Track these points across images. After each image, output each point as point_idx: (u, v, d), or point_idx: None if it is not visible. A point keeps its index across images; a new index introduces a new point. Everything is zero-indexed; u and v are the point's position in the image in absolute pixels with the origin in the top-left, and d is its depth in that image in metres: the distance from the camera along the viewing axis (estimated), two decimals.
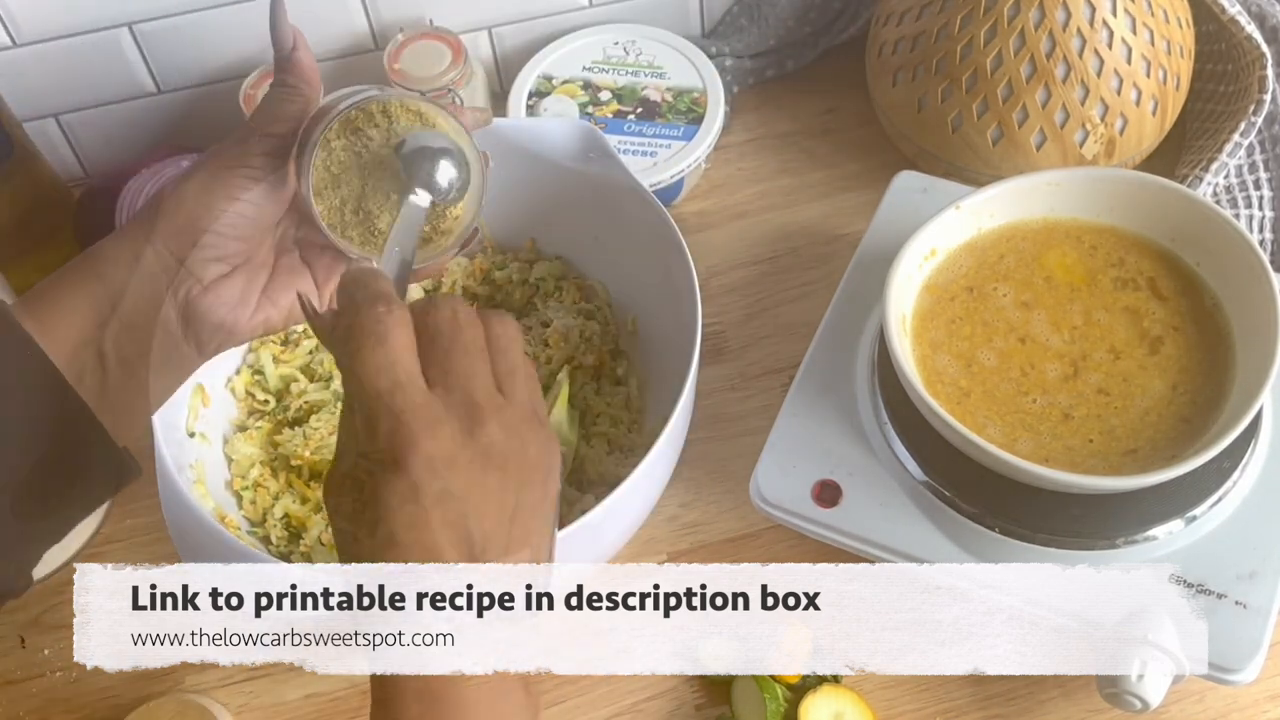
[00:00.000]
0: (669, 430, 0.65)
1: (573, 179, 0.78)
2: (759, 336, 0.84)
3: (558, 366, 0.77)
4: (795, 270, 0.87)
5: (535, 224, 0.83)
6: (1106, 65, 0.78)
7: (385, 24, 0.91)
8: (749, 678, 0.69)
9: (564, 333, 0.78)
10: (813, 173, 0.92)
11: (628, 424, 0.77)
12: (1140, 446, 0.65)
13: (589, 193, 0.78)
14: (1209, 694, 0.68)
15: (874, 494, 0.68)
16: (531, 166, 0.78)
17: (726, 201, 0.91)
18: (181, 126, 0.93)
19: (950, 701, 0.69)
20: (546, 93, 0.91)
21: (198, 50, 0.89)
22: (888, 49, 0.85)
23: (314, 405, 0.77)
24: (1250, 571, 0.64)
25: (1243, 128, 0.81)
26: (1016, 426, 0.66)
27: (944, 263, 0.72)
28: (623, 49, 0.93)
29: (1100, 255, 0.72)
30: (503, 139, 0.77)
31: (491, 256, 0.83)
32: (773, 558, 0.75)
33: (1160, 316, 0.69)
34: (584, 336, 0.78)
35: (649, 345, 0.80)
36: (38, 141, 0.88)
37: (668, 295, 0.74)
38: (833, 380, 0.72)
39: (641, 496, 0.69)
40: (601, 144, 0.75)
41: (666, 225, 0.72)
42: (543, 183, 0.79)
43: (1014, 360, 0.69)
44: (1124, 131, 0.81)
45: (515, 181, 0.79)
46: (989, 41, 0.79)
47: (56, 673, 0.74)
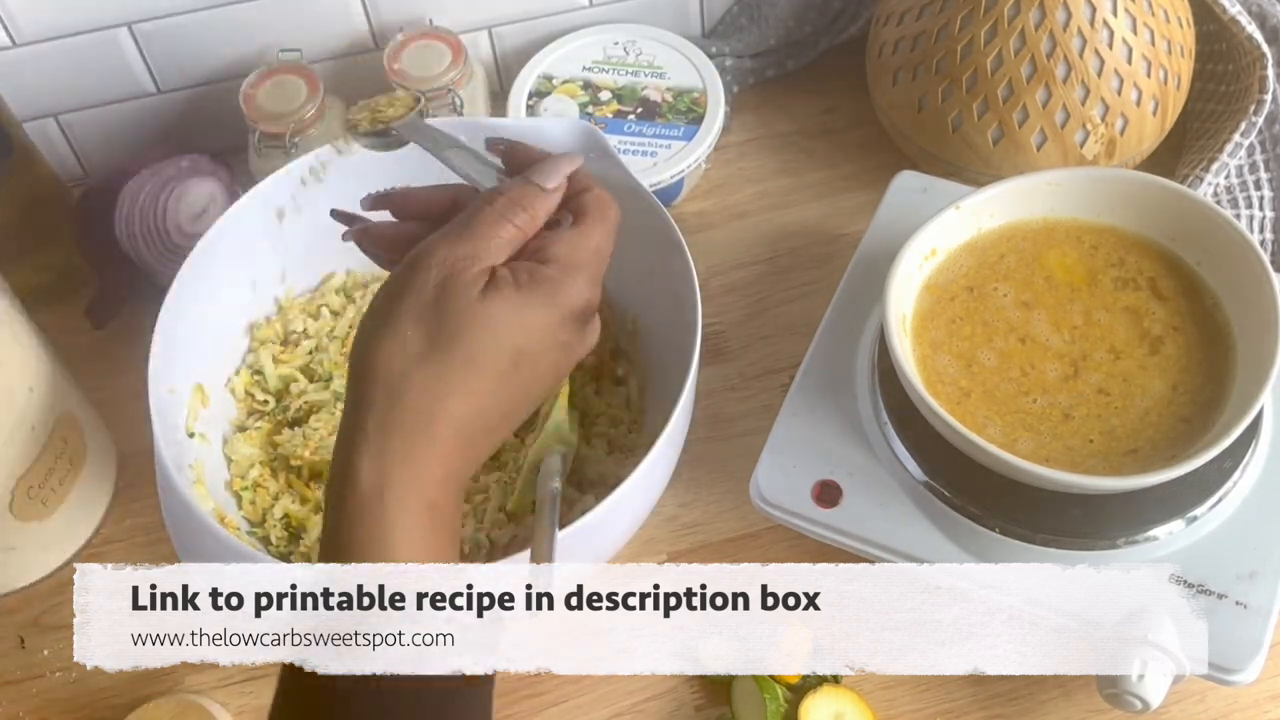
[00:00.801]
0: (669, 430, 0.65)
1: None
2: (759, 336, 0.84)
3: None
4: (795, 270, 0.87)
5: None
6: (1107, 65, 0.78)
7: (385, 24, 0.91)
8: (749, 678, 0.68)
9: None
10: (813, 173, 0.92)
11: (628, 424, 0.77)
12: (1140, 447, 0.65)
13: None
14: (1209, 694, 0.68)
15: (874, 494, 0.68)
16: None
17: (726, 201, 0.91)
18: (181, 126, 0.93)
19: (951, 702, 0.69)
20: (546, 93, 0.91)
21: (198, 50, 0.89)
22: (888, 49, 0.85)
23: (314, 405, 0.77)
24: (1251, 572, 0.64)
25: (1243, 128, 0.81)
26: (1016, 426, 0.66)
27: (944, 263, 0.72)
28: (623, 49, 0.93)
29: (1101, 255, 0.72)
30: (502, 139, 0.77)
31: None
32: (773, 558, 0.74)
33: (1161, 316, 0.69)
34: None
35: (649, 345, 0.79)
36: (37, 141, 0.88)
37: (668, 295, 0.74)
38: (833, 380, 0.72)
39: (641, 496, 0.69)
40: (601, 144, 0.75)
41: (667, 225, 0.72)
42: None
43: (1014, 360, 0.68)
44: (1124, 131, 0.81)
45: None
46: (989, 41, 0.79)
47: (56, 673, 0.74)
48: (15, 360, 0.70)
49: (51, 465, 0.73)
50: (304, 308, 0.80)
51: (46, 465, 0.73)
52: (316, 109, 0.85)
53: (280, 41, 0.89)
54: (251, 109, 0.85)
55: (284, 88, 0.86)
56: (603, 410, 0.77)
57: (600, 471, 0.74)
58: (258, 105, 0.85)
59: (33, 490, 0.72)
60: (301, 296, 0.81)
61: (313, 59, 0.90)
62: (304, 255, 0.80)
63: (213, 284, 0.74)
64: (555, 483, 0.67)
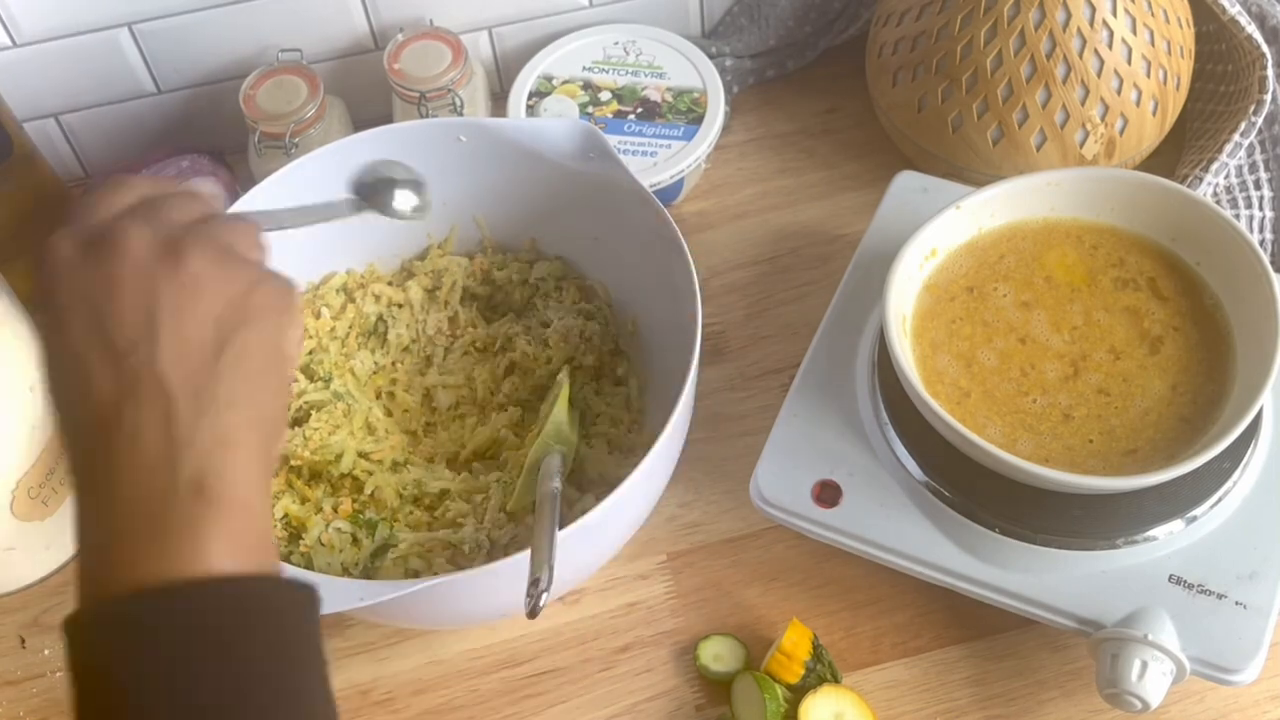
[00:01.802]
0: (669, 431, 0.65)
1: (573, 179, 0.78)
2: (759, 336, 0.84)
3: (558, 367, 0.77)
4: (795, 270, 0.87)
5: (535, 224, 0.83)
6: (1107, 65, 0.78)
7: (385, 24, 0.91)
8: (749, 677, 0.68)
9: (564, 333, 0.78)
10: (813, 173, 0.92)
11: (628, 424, 0.77)
12: (1140, 447, 0.65)
13: (589, 193, 0.78)
14: (1209, 694, 0.68)
15: (874, 494, 0.68)
16: (532, 166, 0.78)
17: (727, 201, 0.91)
18: (181, 127, 0.93)
19: (951, 702, 0.69)
20: (546, 93, 0.91)
21: (198, 50, 0.89)
22: (888, 49, 0.85)
23: (314, 405, 0.77)
24: (1250, 572, 0.63)
25: (1243, 128, 0.81)
26: (1016, 427, 0.66)
27: (944, 263, 0.72)
28: (623, 49, 0.93)
29: (1101, 255, 0.72)
30: (503, 139, 0.77)
31: (491, 256, 0.83)
32: (773, 558, 0.75)
33: (1160, 316, 0.69)
34: (584, 336, 0.78)
35: (649, 345, 0.79)
36: (37, 141, 0.88)
37: (668, 295, 0.74)
38: (833, 380, 0.72)
39: (641, 496, 0.69)
40: (601, 144, 0.75)
41: (667, 226, 0.72)
42: (543, 183, 0.79)
43: (1014, 360, 0.68)
44: (1124, 132, 0.81)
45: (515, 181, 0.79)
46: (989, 41, 0.78)
47: (56, 673, 0.74)
48: (15, 360, 0.70)
49: (52, 465, 0.73)
50: (304, 306, 0.80)
51: (46, 465, 0.73)
52: (317, 109, 0.85)
53: (280, 42, 0.89)
54: (251, 109, 0.85)
55: (284, 88, 0.86)
56: (603, 410, 0.77)
57: (600, 471, 0.74)
58: (258, 105, 0.85)
59: (33, 490, 0.72)
60: (302, 294, 0.81)
61: (313, 59, 0.90)
62: (302, 254, 0.79)
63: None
64: (555, 482, 0.67)
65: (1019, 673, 0.70)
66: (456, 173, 0.78)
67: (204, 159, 0.88)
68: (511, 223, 0.83)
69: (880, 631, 0.72)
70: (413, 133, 0.77)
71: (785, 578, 0.74)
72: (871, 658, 0.71)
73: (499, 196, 0.81)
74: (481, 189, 0.80)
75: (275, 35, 0.89)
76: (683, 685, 0.71)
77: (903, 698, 0.70)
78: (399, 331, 0.80)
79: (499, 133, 0.77)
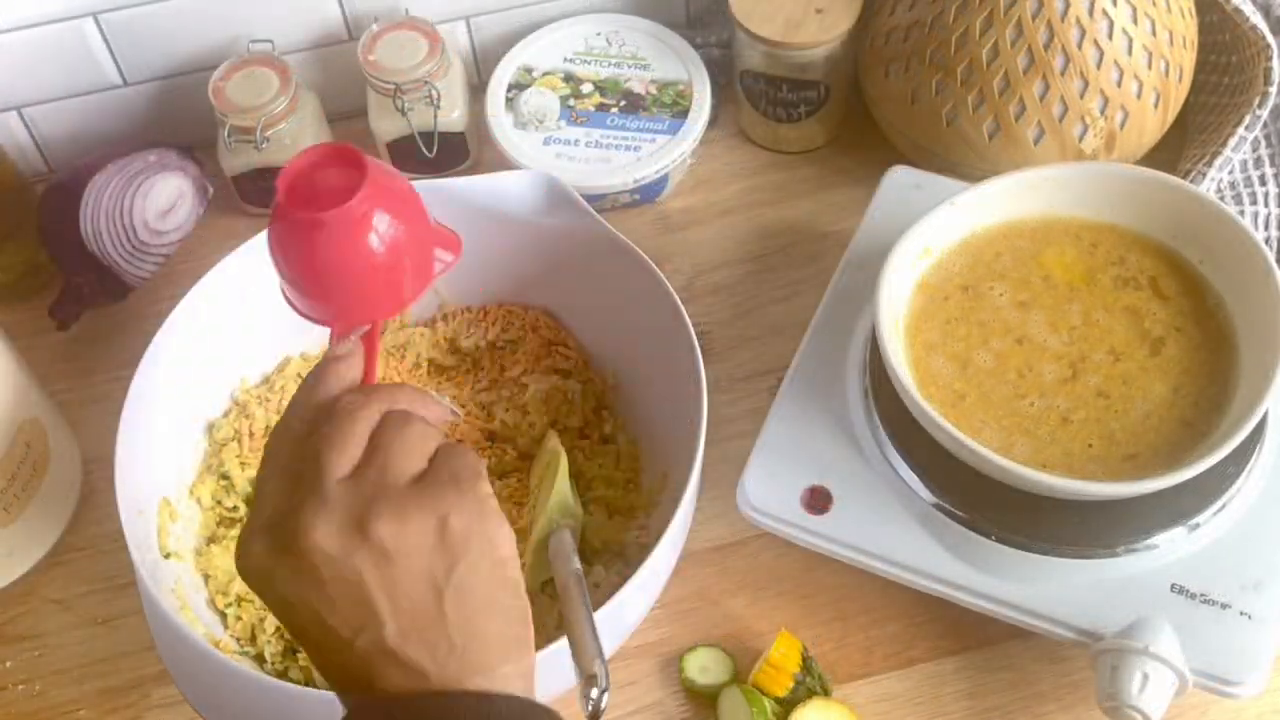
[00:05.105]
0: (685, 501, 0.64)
1: (537, 233, 0.75)
2: (746, 337, 0.83)
3: (540, 433, 0.75)
4: (784, 269, 0.86)
5: (498, 283, 0.79)
6: (1106, 57, 0.77)
7: (359, 14, 0.90)
8: (736, 690, 0.68)
9: (543, 397, 0.75)
10: (802, 168, 0.91)
11: (623, 484, 0.74)
12: (1141, 451, 0.65)
13: (556, 244, 0.75)
14: (1212, 707, 0.68)
15: (866, 500, 0.68)
16: (492, 225, 0.74)
17: (713, 197, 0.90)
18: (148, 120, 0.92)
19: (944, 715, 0.69)
20: (526, 85, 0.89)
21: (165, 42, 0.88)
22: (880, 40, 0.84)
23: None
24: (1255, 581, 0.64)
25: (1247, 121, 0.81)
26: (1013, 430, 0.66)
27: (938, 261, 0.72)
28: (605, 39, 0.92)
29: (1100, 253, 0.72)
30: (459, 198, 0.73)
31: (452, 322, 0.80)
32: (761, 566, 0.75)
33: (1162, 317, 0.69)
34: (567, 398, 0.76)
35: (634, 397, 0.77)
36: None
37: (653, 341, 0.72)
38: (823, 383, 0.72)
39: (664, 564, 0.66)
40: (566, 195, 0.72)
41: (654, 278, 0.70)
42: (506, 240, 0.76)
43: (1011, 362, 0.68)
44: (1125, 125, 0.80)
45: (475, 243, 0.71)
46: (984, 32, 0.78)
47: (19, 685, 0.73)
48: None
49: (14, 471, 0.72)
50: (261, 397, 0.77)
51: (9, 471, 0.71)
52: (288, 102, 0.85)
53: (251, 32, 0.88)
54: (221, 102, 0.84)
55: (255, 80, 0.85)
56: (596, 473, 0.74)
57: (604, 539, 0.71)
58: (228, 98, 0.84)
59: None
60: (258, 386, 0.78)
61: (285, 50, 0.89)
62: (254, 341, 0.76)
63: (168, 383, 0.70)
64: (575, 563, 0.64)
65: (1016, 685, 0.70)
66: None
67: (171, 153, 0.87)
68: (472, 284, 0.79)
69: (872, 642, 0.71)
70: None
71: (774, 587, 0.74)
72: (863, 669, 0.70)
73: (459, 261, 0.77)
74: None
75: (246, 25, 0.88)
76: (667, 699, 0.70)
77: (895, 711, 0.69)
78: None
79: (454, 192, 0.73)
